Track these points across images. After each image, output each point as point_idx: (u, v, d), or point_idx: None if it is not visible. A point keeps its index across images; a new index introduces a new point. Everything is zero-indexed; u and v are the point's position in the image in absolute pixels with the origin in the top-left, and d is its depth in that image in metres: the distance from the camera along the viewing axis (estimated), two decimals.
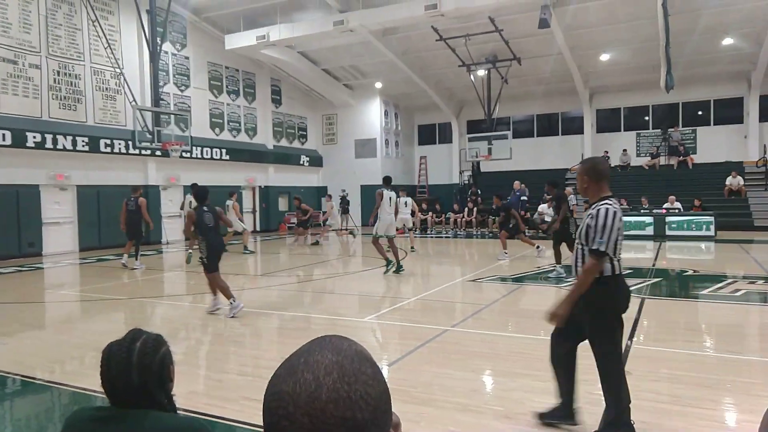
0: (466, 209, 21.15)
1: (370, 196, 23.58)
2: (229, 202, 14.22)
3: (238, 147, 20.60)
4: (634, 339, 5.64)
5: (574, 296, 3.19)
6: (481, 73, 20.89)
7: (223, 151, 19.53)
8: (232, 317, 7.06)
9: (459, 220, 21.09)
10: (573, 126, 23.87)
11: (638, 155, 22.76)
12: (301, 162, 23.40)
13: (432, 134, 26.89)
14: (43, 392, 4.74)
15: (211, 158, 19.08)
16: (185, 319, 7.63)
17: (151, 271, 11.79)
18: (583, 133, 23.23)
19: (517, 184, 17.98)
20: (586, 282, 3.14)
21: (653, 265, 11.52)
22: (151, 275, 11.40)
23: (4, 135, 13.38)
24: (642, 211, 17.52)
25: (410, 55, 20.75)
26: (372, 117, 24.19)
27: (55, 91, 14.89)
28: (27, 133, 13.86)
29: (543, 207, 18.54)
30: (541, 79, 22.05)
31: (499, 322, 6.81)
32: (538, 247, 12.44)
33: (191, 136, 16.08)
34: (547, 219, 18.24)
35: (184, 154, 16.05)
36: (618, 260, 3.20)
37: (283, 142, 23.37)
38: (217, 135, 20.02)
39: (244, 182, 20.55)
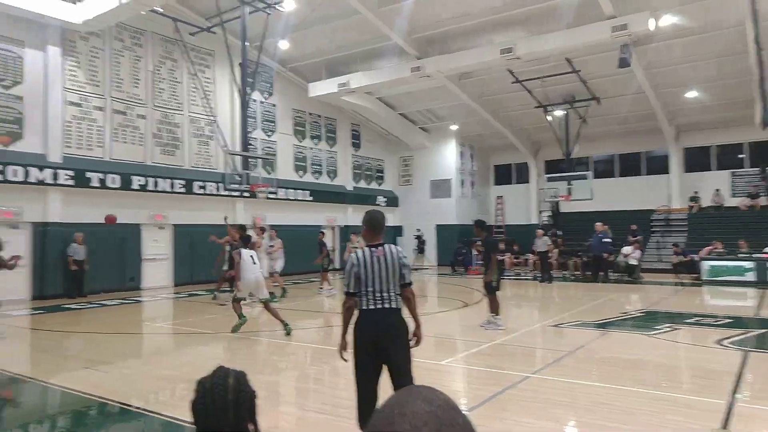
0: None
1: (445, 236, 23.69)
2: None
3: (320, 188, 21.43)
4: (738, 396, 5.24)
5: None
6: (559, 113, 20.64)
7: (306, 192, 20.40)
8: None
9: (538, 261, 20.50)
10: (658, 165, 22.83)
11: (734, 195, 21.31)
12: (378, 202, 23.89)
13: (508, 174, 26.65)
14: (137, 419, 5.09)
15: (295, 199, 19.95)
16: (266, 354, 7.94)
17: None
18: (669, 173, 22.16)
19: (599, 225, 17.29)
20: (342, 314, 3.89)
21: (756, 314, 10.65)
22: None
23: (114, 179, 14.80)
24: (740, 255, 16.29)
25: (486, 97, 20.93)
26: (447, 158, 24.42)
27: (157, 139, 16.34)
28: (132, 177, 15.24)
29: (627, 249, 17.71)
30: (622, 117, 21.42)
31: (582, 370, 6.55)
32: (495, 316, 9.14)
33: (276, 179, 16.97)
34: (633, 262, 17.40)
35: (270, 196, 16.94)
36: (370, 296, 3.74)
37: (362, 184, 24.04)
38: (300, 177, 20.97)
39: (325, 222, 21.24)
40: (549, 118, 20.66)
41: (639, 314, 10.69)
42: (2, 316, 10.54)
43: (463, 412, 0.75)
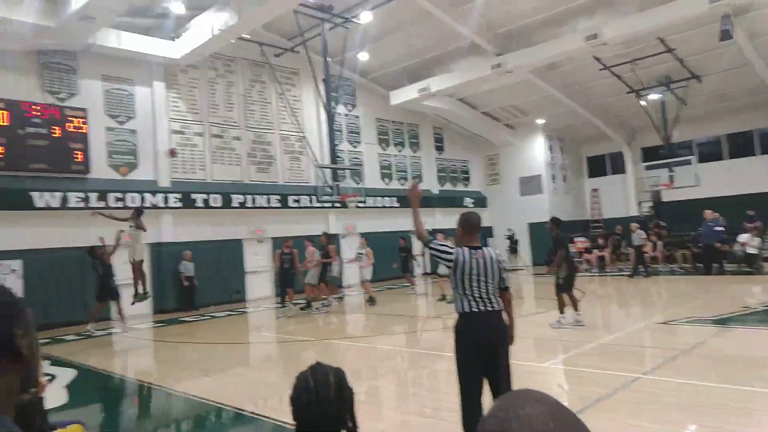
0: (650, 243, 19.33)
1: (539, 234, 22.93)
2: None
3: (406, 194, 21.58)
4: None
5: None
6: (654, 96, 19.38)
7: (393, 198, 20.66)
8: None
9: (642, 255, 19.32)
10: None
11: None
12: (465, 204, 23.65)
13: (602, 165, 25.36)
14: (250, 423, 5.43)
15: (383, 206, 20.28)
16: (365, 359, 8.13)
17: (333, 313, 12.76)
18: None
19: (708, 213, 15.94)
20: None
21: None
22: (334, 317, 12.34)
23: (216, 198, 15.86)
24: None
25: (572, 87, 20.12)
26: (535, 153, 23.70)
27: (252, 158, 17.31)
28: (232, 196, 16.24)
29: (745, 237, 16.21)
30: (727, 95, 19.70)
31: (699, 369, 6.10)
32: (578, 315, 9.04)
33: (364, 188, 17.35)
34: (752, 251, 15.89)
35: (359, 205, 17.35)
36: (471, 299, 3.73)
37: (447, 186, 23.95)
38: (387, 184, 21.29)
39: (413, 227, 21.35)
40: (643, 102, 19.46)
41: (764, 308, 9.76)
42: (130, 329, 11.64)
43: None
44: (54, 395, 6.50)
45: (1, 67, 12.77)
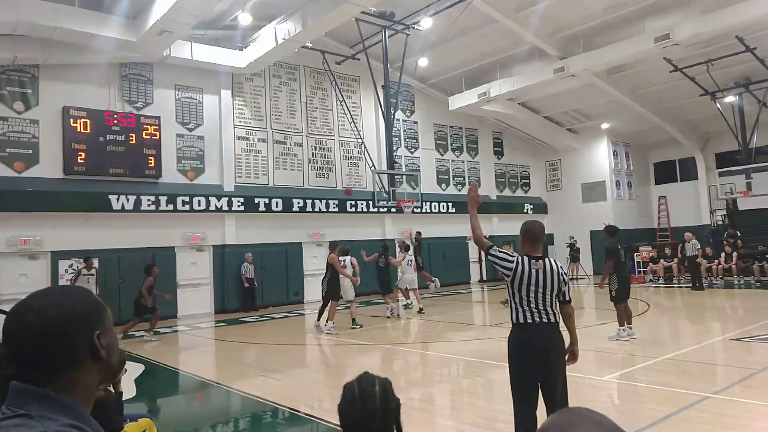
0: (723, 254, 18.24)
1: (601, 242, 21.97)
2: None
3: (463, 200, 21.35)
4: None
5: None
6: (731, 99, 18.30)
7: (449, 204, 20.52)
8: None
9: (715, 267, 18.25)
10: None
11: None
12: (525, 210, 23.17)
13: (671, 172, 24.17)
14: (304, 425, 5.55)
15: (439, 212, 20.19)
16: (423, 365, 8.12)
17: (391, 319, 12.82)
18: None
19: None
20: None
21: None
22: (391, 322, 12.39)
23: (277, 202, 16.32)
24: None
25: (640, 90, 19.32)
26: (599, 159, 22.91)
27: (312, 163, 17.70)
28: (293, 200, 16.66)
29: None
30: None
31: None
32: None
33: (421, 193, 17.34)
34: None
35: (415, 210, 17.35)
36: (527, 309, 3.65)
37: (506, 192, 23.53)
38: (443, 190, 21.18)
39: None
40: (718, 105, 18.43)
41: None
42: (193, 327, 12.16)
43: None
44: (125, 388, 6.88)
45: (86, 80, 13.71)
